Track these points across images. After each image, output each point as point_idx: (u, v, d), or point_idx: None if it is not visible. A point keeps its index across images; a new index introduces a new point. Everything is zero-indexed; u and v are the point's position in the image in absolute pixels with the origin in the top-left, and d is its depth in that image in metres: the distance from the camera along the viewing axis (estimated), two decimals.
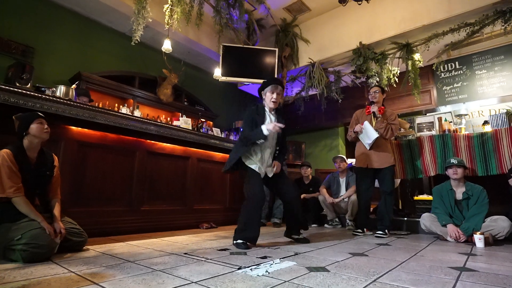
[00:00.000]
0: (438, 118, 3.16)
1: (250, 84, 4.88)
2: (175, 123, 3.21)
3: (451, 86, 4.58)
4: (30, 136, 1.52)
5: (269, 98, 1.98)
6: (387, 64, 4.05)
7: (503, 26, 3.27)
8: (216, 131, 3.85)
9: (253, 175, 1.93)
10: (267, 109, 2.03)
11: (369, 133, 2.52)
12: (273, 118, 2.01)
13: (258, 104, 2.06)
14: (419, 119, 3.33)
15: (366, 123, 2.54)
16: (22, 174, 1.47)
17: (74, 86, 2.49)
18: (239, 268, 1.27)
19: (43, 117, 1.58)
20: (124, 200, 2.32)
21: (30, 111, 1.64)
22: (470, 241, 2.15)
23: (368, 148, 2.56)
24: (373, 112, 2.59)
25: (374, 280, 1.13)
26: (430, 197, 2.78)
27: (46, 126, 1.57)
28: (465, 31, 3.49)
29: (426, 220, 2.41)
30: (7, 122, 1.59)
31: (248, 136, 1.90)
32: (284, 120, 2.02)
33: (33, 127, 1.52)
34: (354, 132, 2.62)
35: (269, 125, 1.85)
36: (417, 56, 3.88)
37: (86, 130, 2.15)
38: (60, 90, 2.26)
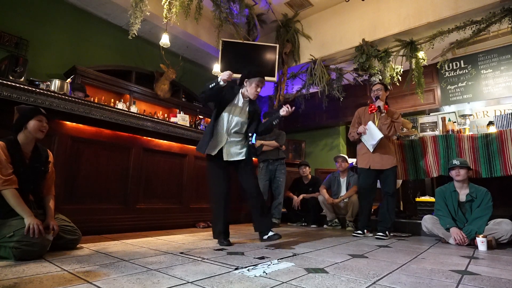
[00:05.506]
0: (441, 118, 3.12)
1: None
2: (172, 119, 3.16)
3: (456, 86, 4.52)
4: (26, 131, 1.49)
5: (253, 89, 1.92)
6: (390, 62, 3.99)
7: (510, 24, 3.21)
8: None
9: (210, 166, 1.88)
10: (241, 93, 1.98)
11: (373, 133, 2.44)
12: (241, 101, 1.96)
13: (234, 86, 2.01)
14: (422, 119, 3.27)
15: (370, 123, 2.48)
16: (15, 168, 1.43)
17: (69, 80, 2.44)
18: (236, 269, 1.25)
19: (44, 114, 1.54)
20: (119, 198, 2.29)
21: (24, 105, 1.60)
22: (472, 244, 2.11)
23: (371, 150, 2.49)
24: (379, 107, 2.51)
25: (374, 283, 1.11)
26: (432, 199, 2.74)
27: (45, 124, 1.53)
28: (471, 29, 3.43)
29: (428, 222, 2.37)
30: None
31: (204, 88, 1.82)
32: (257, 107, 2.03)
33: (32, 123, 1.48)
34: (357, 133, 2.56)
35: (224, 75, 1.75)
36: (421, 54, 3.82)
37: (80, 125, 2.10)
38: (55, 84, 2.21)
